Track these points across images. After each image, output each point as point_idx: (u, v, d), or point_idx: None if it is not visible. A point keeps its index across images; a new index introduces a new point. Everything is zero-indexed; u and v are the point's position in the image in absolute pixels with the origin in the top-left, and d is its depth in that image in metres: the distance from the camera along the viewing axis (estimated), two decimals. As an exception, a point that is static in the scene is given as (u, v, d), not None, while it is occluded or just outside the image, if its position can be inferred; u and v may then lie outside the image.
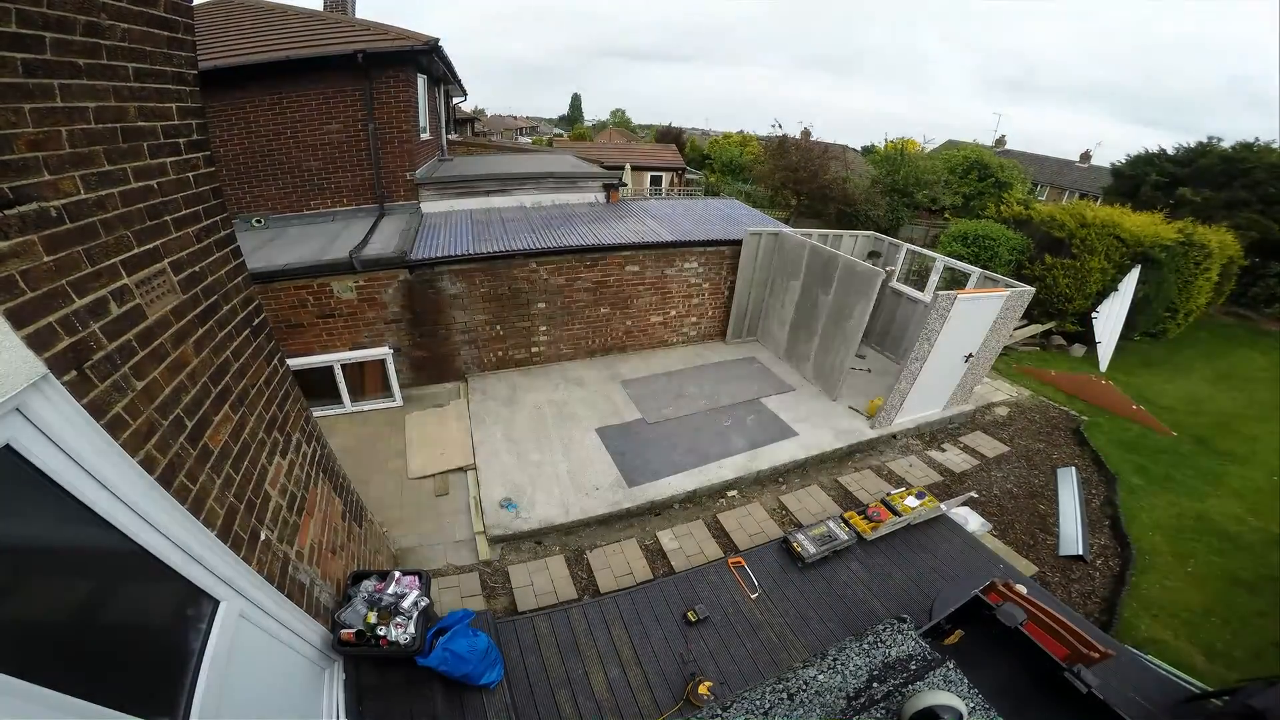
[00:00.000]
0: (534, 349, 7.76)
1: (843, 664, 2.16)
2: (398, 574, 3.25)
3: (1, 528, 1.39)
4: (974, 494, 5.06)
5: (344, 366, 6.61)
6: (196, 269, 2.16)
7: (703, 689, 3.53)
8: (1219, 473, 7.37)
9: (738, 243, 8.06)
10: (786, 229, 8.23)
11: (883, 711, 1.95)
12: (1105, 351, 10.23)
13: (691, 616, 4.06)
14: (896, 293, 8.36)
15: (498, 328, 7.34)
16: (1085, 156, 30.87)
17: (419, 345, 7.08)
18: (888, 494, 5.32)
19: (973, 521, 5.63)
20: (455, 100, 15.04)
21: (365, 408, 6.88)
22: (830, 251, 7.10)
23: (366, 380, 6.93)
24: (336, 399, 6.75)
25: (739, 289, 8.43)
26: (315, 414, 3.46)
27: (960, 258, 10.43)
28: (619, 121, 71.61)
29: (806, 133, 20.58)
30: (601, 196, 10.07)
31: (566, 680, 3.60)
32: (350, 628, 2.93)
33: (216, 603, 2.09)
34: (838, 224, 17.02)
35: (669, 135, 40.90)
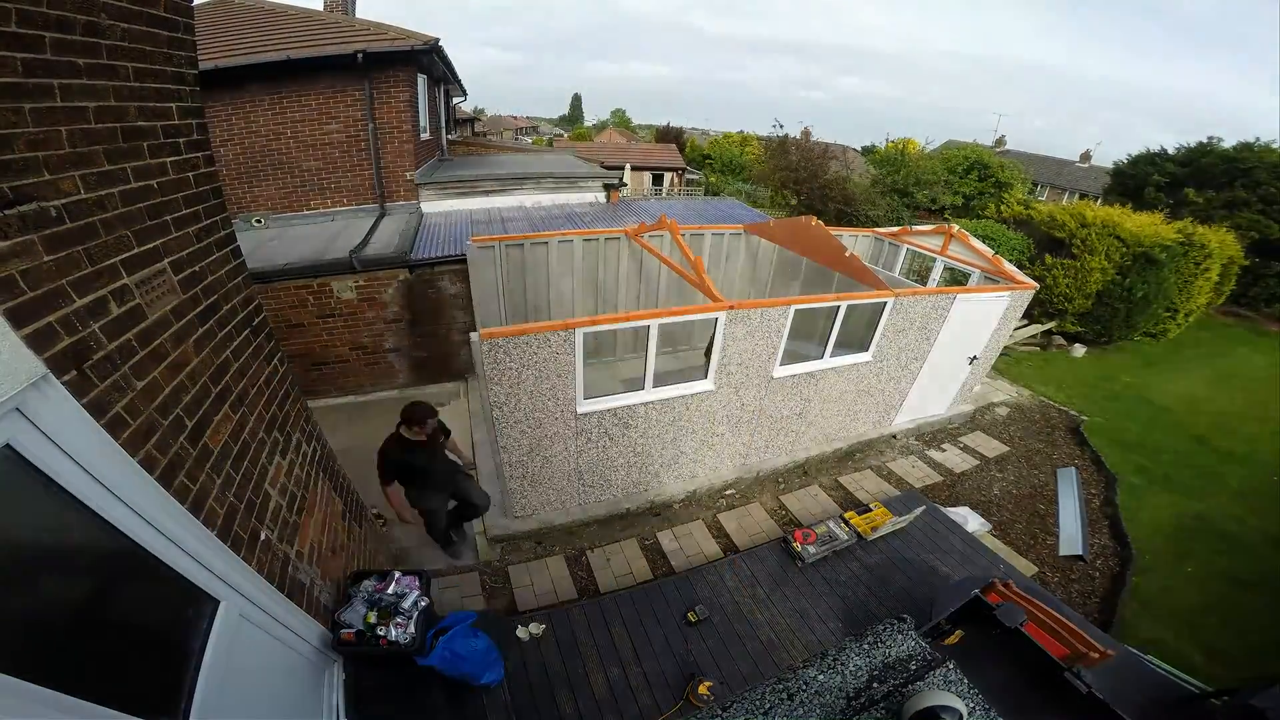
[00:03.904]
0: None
1: (843, 664, 2.16)
2: (398, 574, 3.25)
3: (1, 528, 1.39)
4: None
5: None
6: (196, 269, 2.16)
7: (703, 689, 3.53)
8: (1219, 473, 7.37)
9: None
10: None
11: (883, 712, 1.95)
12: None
13: (692, 618, 4.05)
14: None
15: (498, 328, 7.35)
16: (1085, 156, 30.93)
17: (419, 345, 7.08)
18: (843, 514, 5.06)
19: (973, 521, 5.63)
20: (455, 100, 15.04)
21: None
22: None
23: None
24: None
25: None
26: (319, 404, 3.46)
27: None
28: (619, 121, 71.67)
29: (807, 133, 20.56)
30: (602, 196, 10.08)
31: (566, 680, 3.60)
32: (350, 627, 2.93)
33: (216, 603, 2.09)
34: (837, 223, 17.01)
35: (669, 135, 40.89)
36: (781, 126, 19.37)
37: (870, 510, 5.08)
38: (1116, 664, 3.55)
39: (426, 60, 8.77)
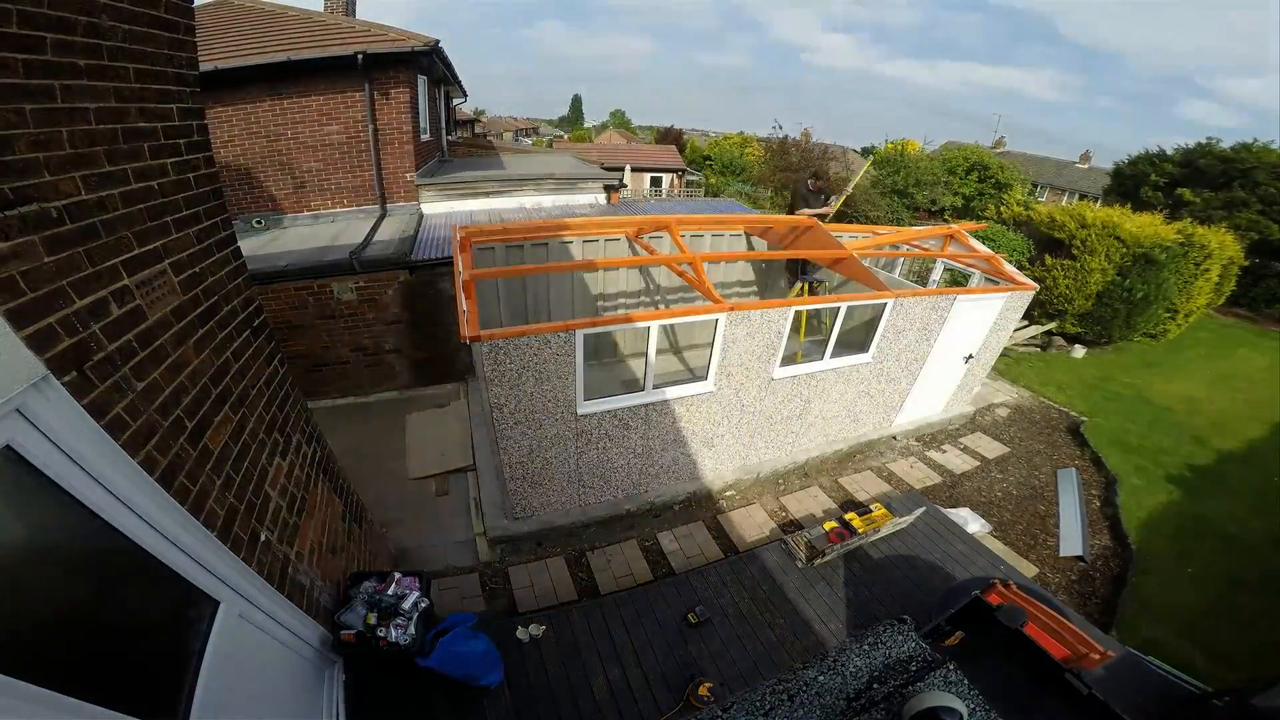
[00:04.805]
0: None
1: (843, 665, 2.15)
2: (397, 575, 3.25)
3: (2, 528, 1.39)
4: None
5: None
6: (197, 270, 2.16)
7: (703, 690, 3.53)
8: (1219, 473, 7.36)
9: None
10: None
11: (883, 713, 1.94)
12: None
13: (692, 619, 4.05)
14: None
15: (498, 328, 7.35)
16: (1085, 157, 31.02)
17: (419, 346, 7.08)
18: (844, 515, 4.96)
19: (973, 523, 5.62)
20: (455, 101, 15.05)
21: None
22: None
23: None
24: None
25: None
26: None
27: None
28: (619, 123, 71.80)
29: (807, 134, 20.60)
30: (602, 198, 10.08)
31: (566, 682, 3.60)
32: (350, 629, 2.93)
33: (216, 604, 2.09)
34: (836, 222, 17.03)
35: (669, 136, 41.00)
36: (781, 128, 19.43)
37: (870, 511, 5.07)
38: (1117, 664, 3.55)
39: (427, 61, 8.78)
